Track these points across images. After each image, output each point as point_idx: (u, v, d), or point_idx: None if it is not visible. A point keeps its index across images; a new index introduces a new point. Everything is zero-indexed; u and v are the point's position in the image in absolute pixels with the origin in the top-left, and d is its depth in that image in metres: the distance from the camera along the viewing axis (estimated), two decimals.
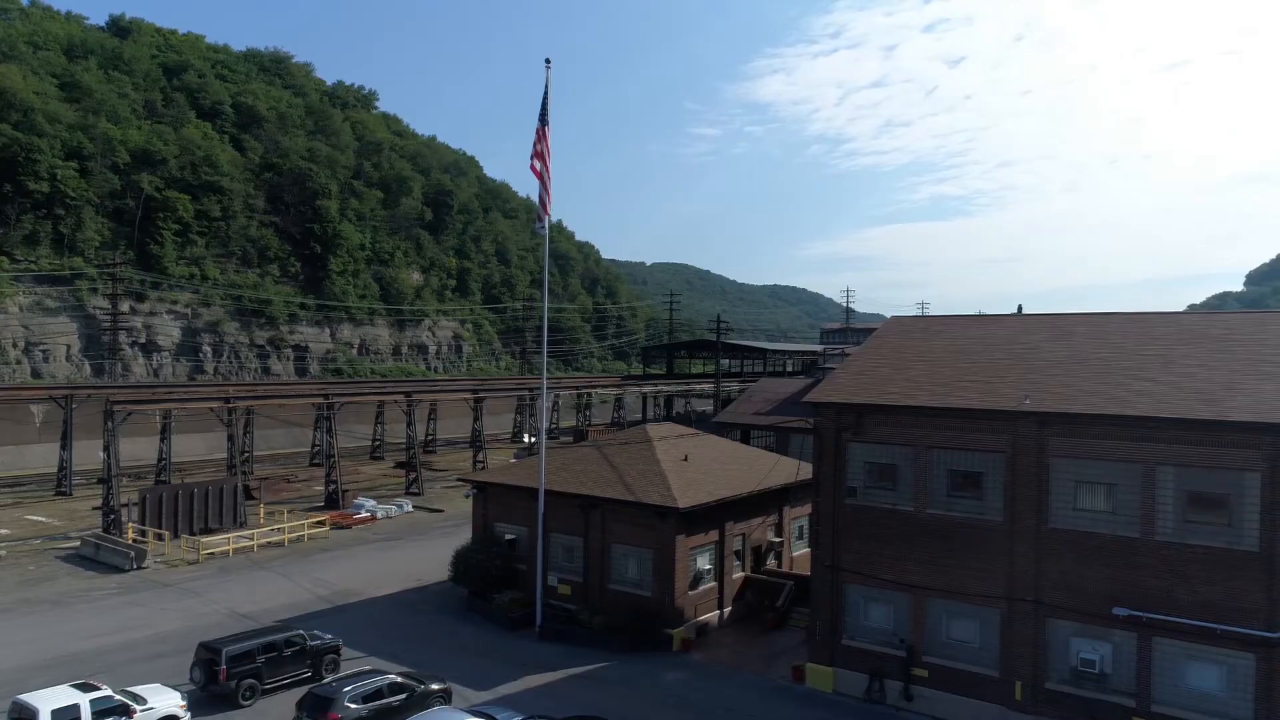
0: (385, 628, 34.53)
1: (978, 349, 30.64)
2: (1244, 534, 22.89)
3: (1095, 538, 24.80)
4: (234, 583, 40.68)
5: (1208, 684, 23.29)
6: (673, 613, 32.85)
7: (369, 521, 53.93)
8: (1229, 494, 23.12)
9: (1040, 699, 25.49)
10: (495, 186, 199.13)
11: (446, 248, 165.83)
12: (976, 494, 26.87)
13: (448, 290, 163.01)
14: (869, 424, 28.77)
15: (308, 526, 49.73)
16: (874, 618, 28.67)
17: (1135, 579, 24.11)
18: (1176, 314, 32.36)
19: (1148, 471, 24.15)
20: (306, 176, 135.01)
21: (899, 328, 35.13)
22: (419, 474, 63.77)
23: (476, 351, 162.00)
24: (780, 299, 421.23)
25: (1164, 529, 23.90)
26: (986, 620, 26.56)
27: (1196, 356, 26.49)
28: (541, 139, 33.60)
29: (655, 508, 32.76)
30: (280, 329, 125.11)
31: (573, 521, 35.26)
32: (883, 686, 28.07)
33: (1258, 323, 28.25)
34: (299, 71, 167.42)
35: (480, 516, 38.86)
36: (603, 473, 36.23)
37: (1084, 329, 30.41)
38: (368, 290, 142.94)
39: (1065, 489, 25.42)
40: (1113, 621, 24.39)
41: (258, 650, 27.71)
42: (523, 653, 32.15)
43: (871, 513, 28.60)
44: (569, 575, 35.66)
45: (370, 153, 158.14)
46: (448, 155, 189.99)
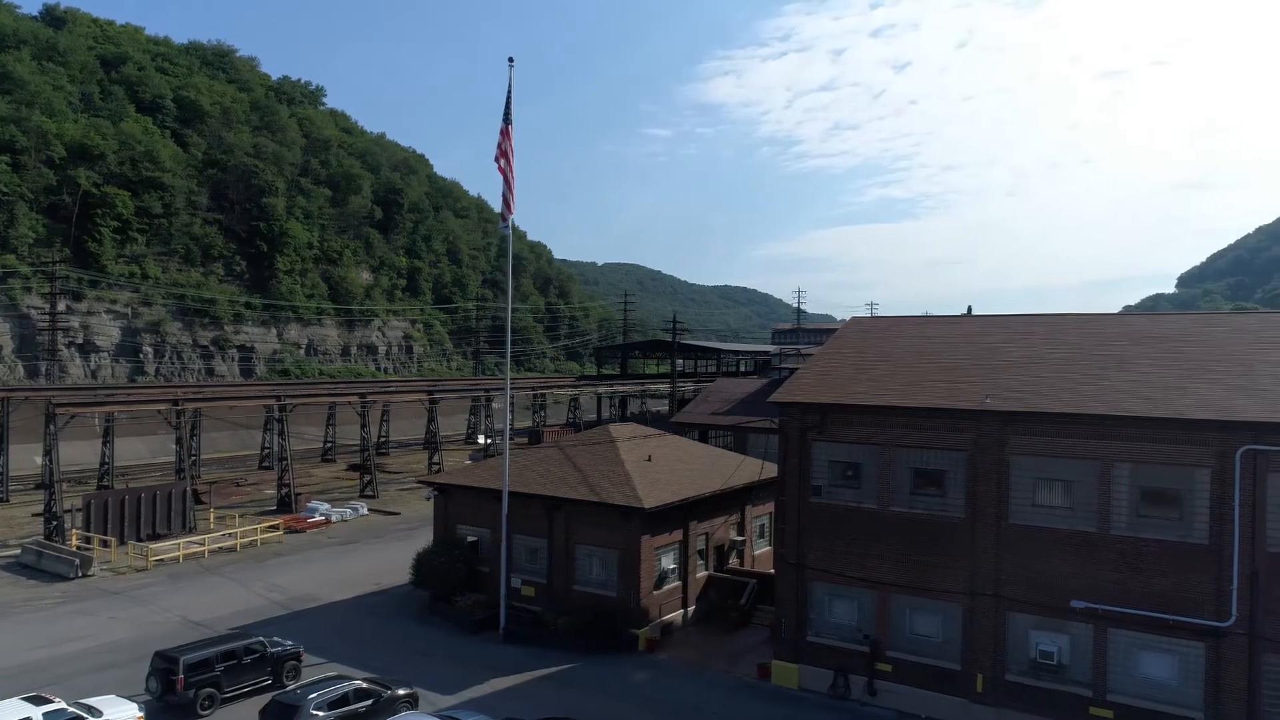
0: (346, 633, 33.95)
1: (938, 349, 31.24)
2: (1194, 528, 23.71)
3: (1054, 533, 25.47)
4: (185, 590, 39.61)
5: (1160, 673, 24.07)
6: (638, 613, 32.88)
7: (323, 525, 52.96)
8: (1181, 489, 23.93)
9: (1001, 691, 26.09)
10: (446, 185, 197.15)
11: (396, 247, 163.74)
12: (939, 491, 27.40)
13: (398, 290, 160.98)
14: (833, 423, 29.14)
15: (260, 531, 48.66)
16: (838, 614, 29.05)
17: (1092, 572, 24.81)
18: (1128, 316, 33.41)
19: (1104, 468, 24.87)
20: (252, 173, 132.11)
21: (859, 328, 35.66)
22: (374, 476, 62.82)
23: (428, 352, 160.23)
24: (730, 299, 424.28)
25: (1119, 524, 24.64)
26: (949, 615, 27.09)
27: (1149, 357, 27.37)
28: (505, 138, 33.38)
29: (620, 508, 32.75)
30: (225, 329, 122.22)
31: (537, 523, 35.08)
32: (847, 682, 28.45)
33: (1205, 324, 29.32)
34: (243, 66, 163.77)
35: (442, 519, 38.43)
36: (566, 473, 36.11)
37: (1041, 330, 31.21)
38: (316, 290, 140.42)
39: (1025, 486, 26.05)
40: (1070, 614, 25.07)
41: (216, 658, 27.03)
42: (487, 655, 31.89)
43: (836, 511, 28.98)
44: (533, 577, 35.47)
45: (318, 150, 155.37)
46: (397, 153, 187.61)
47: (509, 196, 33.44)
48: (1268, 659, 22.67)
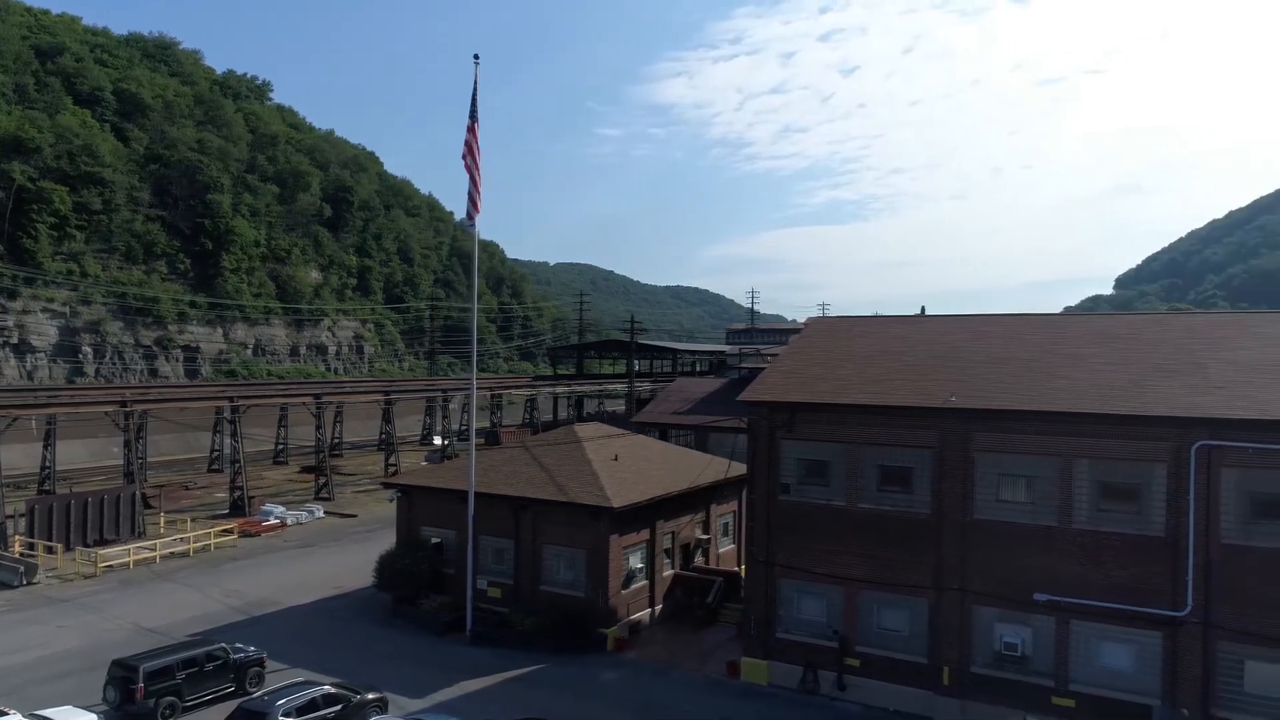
0: (309, 637, 33.34)
1: (901, 349, 31.79)
2: (1152, 521, 24.50)
3: (1017, 527, 26.10)
4: (138, 596, 38.51)
5: (1120, 662, 24.81)
6: (606, 612, 32.87)
7: (279, 528, 51.92)
8: (1139, 484, 24.70)
9: (967, 682, 26.64)
10: (396, 183, 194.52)
11: (346, 245, 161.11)
12: (906, 488, 27.88)
13: (348, 289, 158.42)
14: (801, 422, 29.46)
15: (214, 535, 47.50)
16: (807, 611, 29.37)
17: (1054, 566, 25.47)
18: (1084, 316, 34.38)
19: (1065, 464, 25.56)
20: (196, 169, 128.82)
21: (822, 328, 36.12)
22: (329, 478, 61.77)
23: (379, 352, 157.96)
24: (682, 299, 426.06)
25: (1080, 518, 25.34)
26: (916, 609, 27.59)
27: (1106, 356, 28.19)
28: (471, 135, 33.11)
29: (589, 508, 32.71)
30: (168, 329, 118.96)
31: (503, 523, 34.85)
32: (816, 677, 28.80)
33: (1158, 325, 30.32)
34: (186, 59, 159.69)
35: (405, 521, 37.95)
36: (533, 474, 35.94)
37: (1000, 330, 31.96)
38: (263, 288, 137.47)
39: (989, 482, 26.65)
40: (1033, 606, 25.70)
41: (177, 666, 26.35)
42: (455, 657, 31.59)
43: (805, 508, 29.30)
44: (499, 578, 35.23)
45: (265, 146, 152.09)
46: (347, 150, 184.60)
47: (475, 194, 33.16)
48: (1221, 646, 23.51)
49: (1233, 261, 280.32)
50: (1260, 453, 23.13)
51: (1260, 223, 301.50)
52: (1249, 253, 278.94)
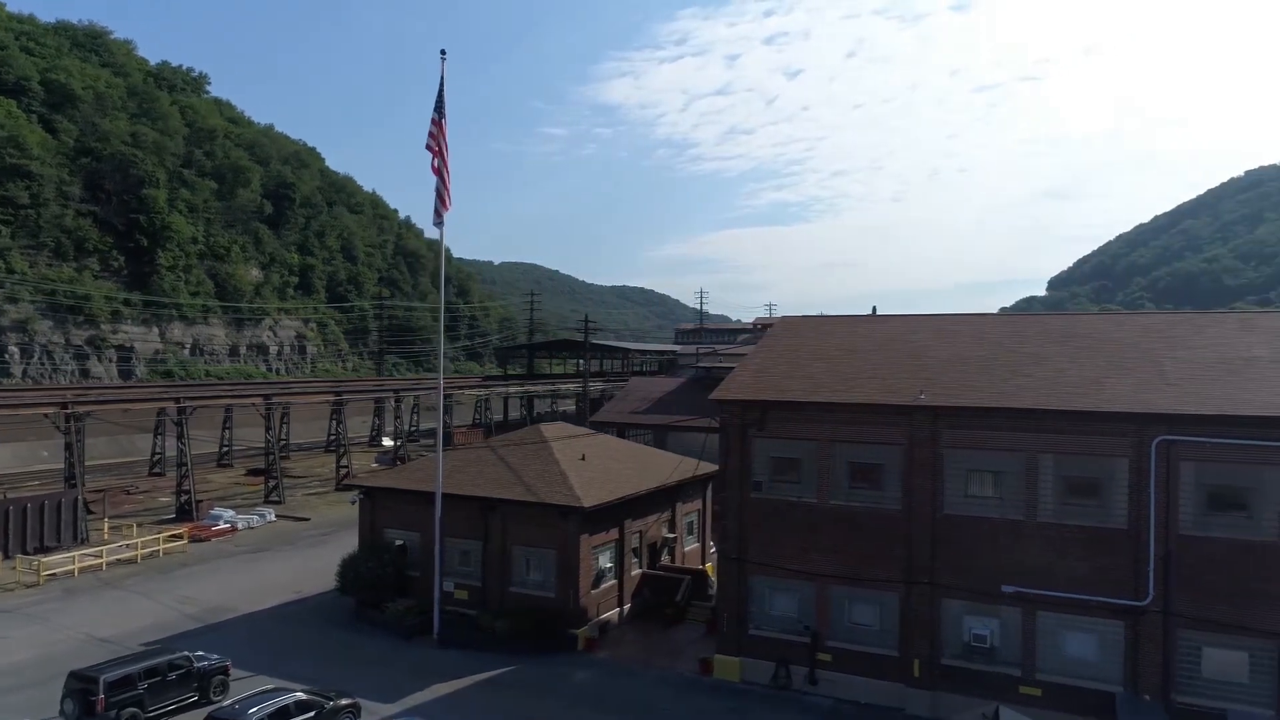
0: (271, 644, 32.52)
1: (869, 347, 32.33)
2: (1114, 513, 25.34)
3: (985, 522, 26.75)
4: (86, 605, 37.11)
5: (1084, 651, 25.61)
6: (576, 612, 32.76)
7: (230, 533, 50.52)
8: (1101, 478, 25.52)
9: (936, 674, 27.21)
10: (339, 180, 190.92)
11: (288, 243, 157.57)
12: (876, 484, 28.35)
13: (290, 288, 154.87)
14: (773, 420, 29.76)
15: (163, 540, 46.01)
16: (779, 607, 29.67)
17: (1021, 558, 26.17)
18: (1043, 315, 35.37)
19: (1031, 459, 26.28)
20: (130, 163, 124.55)
21: (789, 328, 36.51)
22: (280, 481, 60.32)
23: (322, 352, 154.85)
24: (628, 299, 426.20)
25: (1045, 512, 26.07)
26: (886, 603, 28.08)
27: (1065, 354, 29.05)
28: (438, 129, 32.70)
29: (558, 507, 32.56)
30: (101, 328, 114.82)
31: (470, 524, 34.48)
32: (789, 673, 29.11)
33: (1114, 324, 31.34)
34: (119, 49, 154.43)
35: (368, 523, 37.28)
36: (500, 474, 35.63)
37: (963, 329, 32.70)
38: (201, 287, 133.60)
39: (957, 478, 27.26)
40: (1001, 598, 26.37)
41: (139, 675, 25.48)
42: (424, 661, 31.14)
43: (776, 506, 29.60)
44: (466, 580, 34.85)
45: (202, 140, 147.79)
46: (287, 146, 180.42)
47: (444, 192, 32.74)
48: (1180, 633, 24.43)
49: (1158, 264, 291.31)
50: (1216, 447, 24.09)
51: (1183, 227, 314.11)
52: (1173, 256, 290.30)
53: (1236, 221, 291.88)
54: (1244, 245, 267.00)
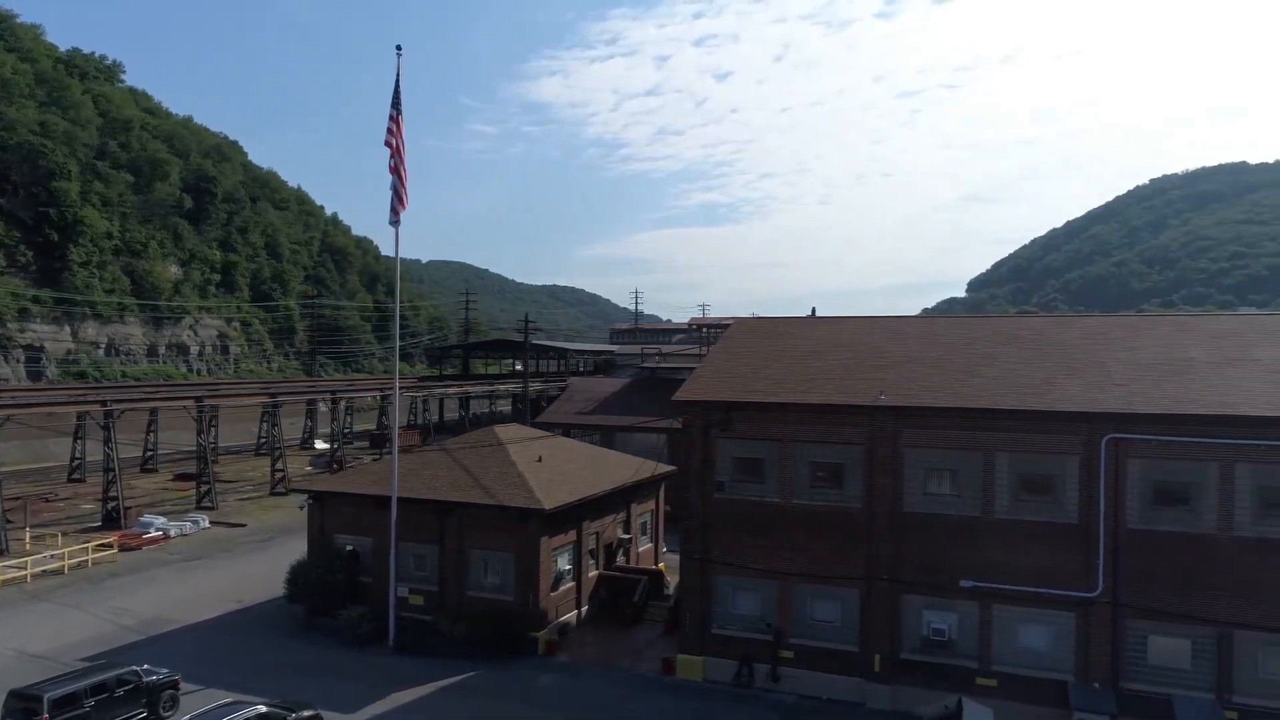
0: (219, 655, 31.38)
1: (826, 349, 32.89)
2: (1065, 509, 26.32)
3: (943, 519, 27.49)
4: (13, 620, 35.18)
5: (1037, 642, 26.53)
6: (537, 615, 32.49)
7: (162, 541, 48.55)
8: (1054, 475, 26.48)
9: (896, 668, 27.84)
10: (262, 175, 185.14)
11: (209, 239, 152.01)
12: (838, 484, 28.86)
13: (211, 285, 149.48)
14: (736, 421, 30.02)
15: (91, 550, 43.95)
16: (742, 606, 29.95)
17: (977, 554, 26.97)
18: (991, 318, 36.52)
19: (987, 457, 27.12)
20: (39, 153, 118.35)
21: (746, 329, 36.89)
22: (212, 486, 58.23)
23: (246, 352, 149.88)
24: (559, 299, 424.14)
25: (1001, 508, 26.93)
26: (847, 600, 28.61)
27: (1015, 355, 30.07)
28: (395, 125, 32.07)
29: (518, 510, 32.26)
30: (8, 326, 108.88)
31: (426, 528, 33.87)
32: (751, 671, 29.40)
33: (1058, 326, 32.57)
34: (25, 34, 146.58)
35: (317, 528, 36.28)
36: (456, 477, 35.10)
37: (915, 330, 33.56)
38: (116, 284, 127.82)
39: (916, 476, 27.95)
40: (959, 593, 27.14)
41: (85, 692, 24.30)
42: (382, 669, 30.48)
43: (740, 505, 29.87)
44: (421, 585, 34.22)
45: (117, 130, 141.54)
46: (208, 138, 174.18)
47: (401, 190, 32.09)
48: (1128, 623, 25.52)
49: (1070, 267, 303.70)
50: (1161, 444, 25.25)
51: (1093, 232, 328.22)
52: (1084, 259, 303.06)
53: (1142, 227, 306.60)
54: (1149, 250, 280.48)
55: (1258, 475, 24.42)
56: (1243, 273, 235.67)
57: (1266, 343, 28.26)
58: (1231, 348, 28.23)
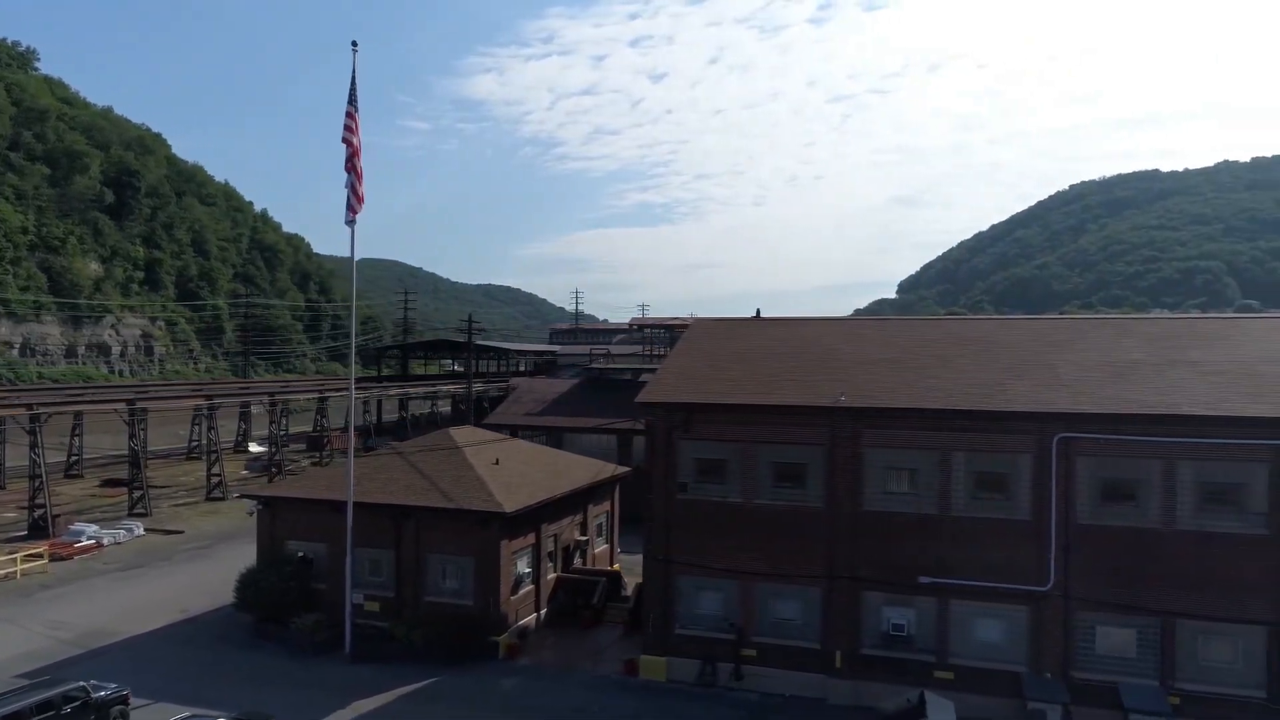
0: (168, 668, 30.34)
1: (784, 350, 33.37)
2: (1019, 506, 27.22)
3: (902, 517, 28.17)
4: None
5: (992, 635, 27.40)
6: (497, 619, 32.25)
7: (95, 550, 46.66)
8: (1008, 473, 27.37)
9: (857, 664, 28.42)
10: (188, 169, 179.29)
11: (132, 235, 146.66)
12: (799, 483, 29.32)
13: (134, 283, 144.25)
14: (698, 422, 30.26)
15: (20, 560, 42.01)
16: (705, 605, 30.20)
17: (935, 551, 27.71)
18: (942, 320, 37.49)
19: (944, 457, 27.87)
20: None
21: (704, 330, 37.19)
22: (145, 491, 56.16)
23: (171, 352, 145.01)
24: (495, 298, 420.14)
25: (958, 506, 27.71)
26: (809, 598, 29.09)
27: (967, 357, 30.98)
28: (351, 120, 31.45)
29: (479, 513, 31.97)
30: None
31: (382, 533, 33.31)
32: (714, 670, 29.67)
33: (1004, 328, 33.67)
34: None
35: (268, 535, 35.33)
36: (412, 481, 34.60)
37: (869, 332, 34.30)
38: (32, 281, 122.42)
39: (876, 475, 28.57)
40: (918, 589, 27.84)
41: (30, 710, 23.27)
42: (340, 678, 29.87)
43: (702, 506, 30.11)
44: (377, 591, 33.63)
45: (31, 121, 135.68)
46: (129, 130, 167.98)
47: (357, 187, 31.47)
48: (1078, 615, 26.53)
49: (995, 270, 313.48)
50: (1108, 443, 26.32)
51: (1016, 236, 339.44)
52: (1009, 262, 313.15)
53: (1063, 231, 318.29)
54: (1069, 253, 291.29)
55: (1198, 471, 25.65)
56: (1156, 275, 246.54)
57: (1201, 345, 29.69)
58: (1170, 349, 29.58)
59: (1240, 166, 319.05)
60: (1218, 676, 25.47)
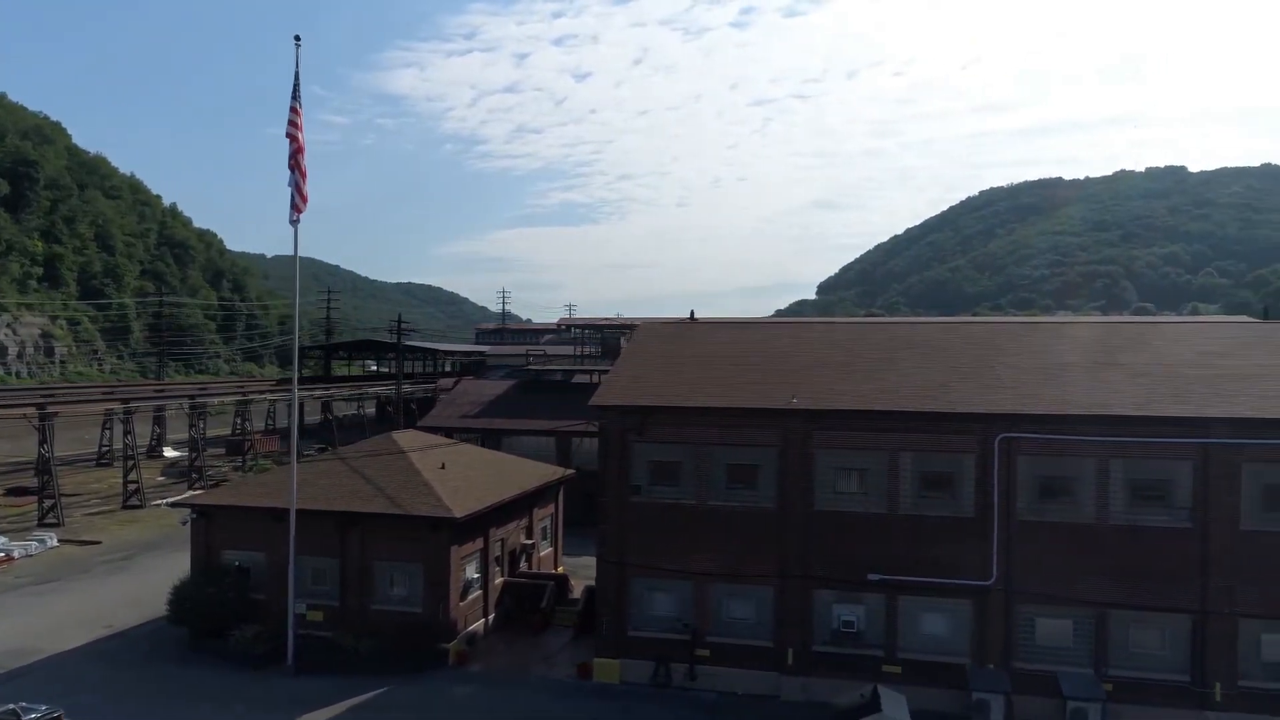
0: (100, 686, 28.93)
1: (735, 353, 33.81)
2: (964, 504, 28.21)
3: (852, 516, 28.87)
4: None
5: (938, 629, 28.31)
6: (447, 626, 31.78)
7: (6, 563, 44.13)
8: (953, 472, 28.33)
9: (808, 661, 29.00)
10: (89, 160, 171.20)
11: (29, 229, 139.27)
12: (752, 485, 29.74)
13: (32, 280, 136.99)
14: (652, 425, 30.39)
15: None
16: (659, 607, 30.36)
17: (884, 548, 28.48)
18: (883, 323, 38.54)
19: (892, 457, 28.68)
20: None
21: (652, 333, 37.38)
22: (57, 500, 53.37)
23: (74, 353, 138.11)
24: (416, 297, 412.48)
25: (906, 504, 28.55)
26: (762, 597, 29.55)
27: (911, 360, 31.94)
28: (296, 115, 30.59)
29: (428, 519, 31.46)
30: None
31: (326, 541, 32.46)
32: (668, 670, 29.86)
33: (945, 332, 34.82)
34: None
35: (202, 545, 34.03)
36: (356, 486, 33.81)
37: (816, 336, 35.06)
38: None
39: (827, 476, 29.21)
40: (867, 586, 28.58)
41: None
42: (285, 691, 29.00)
43: (656, 508, 30.26)
44: (321, 600, 32.75)
45: None
46: (26, 118, 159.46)
47: (301, 185, 30.58)
48: (1019, 608, 27.64)
49: (911, 272, 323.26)
50: (1047, 442, 27.50)
51: (930, 239, 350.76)
52: (923, 265, 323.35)
53: (974, 236, 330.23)
54: (980, 257, 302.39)
55: (1129, 469, 27.04)
56: (1060, 279, 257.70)
57: (1127, 348, 31.30)
58: (1099, 353, 31.09)
59: (1136, 176, 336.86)
60: (1147, 662, 26.91)
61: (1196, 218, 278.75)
